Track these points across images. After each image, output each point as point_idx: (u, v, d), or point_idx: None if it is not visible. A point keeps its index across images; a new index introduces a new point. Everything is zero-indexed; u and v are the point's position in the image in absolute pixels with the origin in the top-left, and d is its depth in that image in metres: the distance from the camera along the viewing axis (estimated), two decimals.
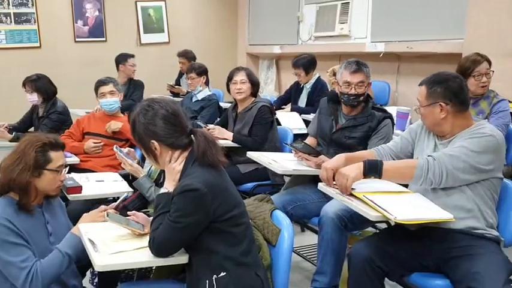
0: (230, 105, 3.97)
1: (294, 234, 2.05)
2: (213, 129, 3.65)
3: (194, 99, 4.77)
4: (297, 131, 4.16)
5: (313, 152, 2.79)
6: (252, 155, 3.05)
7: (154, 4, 7.58)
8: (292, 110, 5.04)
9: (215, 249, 1.86)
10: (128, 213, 2.16)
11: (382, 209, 1.99)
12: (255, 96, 3.72)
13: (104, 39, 7.24)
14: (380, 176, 2.16)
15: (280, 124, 4.14)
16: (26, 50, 6.72)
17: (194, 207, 1.80)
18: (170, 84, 6.30)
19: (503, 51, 4.19)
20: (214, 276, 1.84)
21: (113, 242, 1.97)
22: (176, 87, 6.27)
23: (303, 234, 3.84)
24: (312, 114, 4.68)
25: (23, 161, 1.99)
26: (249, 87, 3.65)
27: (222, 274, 1.84)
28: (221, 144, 2.41)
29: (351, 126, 2.91)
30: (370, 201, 2.06)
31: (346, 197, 2.15)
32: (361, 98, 2.88)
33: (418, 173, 2.13)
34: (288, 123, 4.32)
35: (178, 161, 1.95)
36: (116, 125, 3.56)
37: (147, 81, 5.84)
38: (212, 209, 1.82)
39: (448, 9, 4.88)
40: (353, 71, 2.85)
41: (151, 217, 2.01)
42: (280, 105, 5.31)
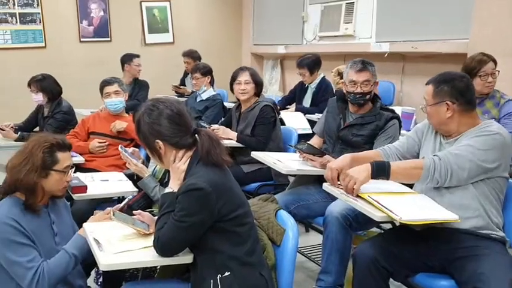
0: (234, 105, 3.97)
1: (298, 234, 2.05)
2: (217, 129, 3.65)
3: (198, 99, 4.77)
4: (301, 131, 4.15)
5: (318, 152, 2.79)
6: (257, 154, 3.05)
7: (159, 4, 7.60)
8: (296, 110, 5.03)
9: (220, 248, 1.86)
10: (134, 212, 2.16)
11: (387, 209, 1.99)
12: (259, 96, 3.71)
13: (109, 39, 7.25)
14: (388, 177, 2.16)
15: (284, 124, 4.14)
16: (31, 50, 6.74)
17: (199, 206, 1.80)
18: (175, 85, 6.31)
19: (508, 51, 4.18)
20: (219, 275, 1.84)
21: (117, 241, 1.97)
22: (181, 87, 6.28)
23: (307, 234, 3.83)
24: (316, 114, 4.68)
25: (30, 161, 1.99)
26: (253, 88, 3.64)
27: (227, 274, 1.85)
28: (225, 144, 2.41)
29: (359, 124, 2.91)
30: (375, 201, 2.05)
31: (351, 197, 2.15)
32: (367, 96, 2.89)
33: (425, 173, 2.13)
34: (292, 123, 4.32)
35: (182, 161, 1.96)
36: (121, 124, 3.57)
37: (152, 82, 5.85)
38: (217, 209, 1.82)
39: (453, 9, 4.86)
40: (358, 69, 2.86)
41: (156, 217, 2.01)
42: (284, 105, 5.31)
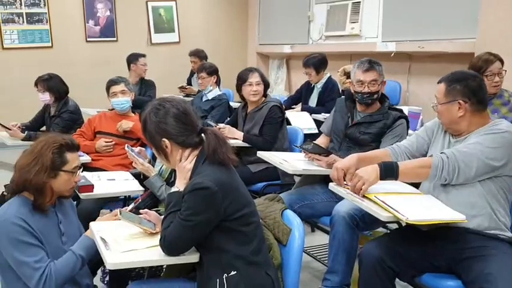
0: (240, 105, 3.97)
1: (304, 234, 2.05)
2: (224, 128, 3.65)
3: (204, 99, 4.77)
4: (307, 131, 4.15)
5: (324, 151, 2.79)
6: (263, 154, 3.05)
7: (165, 4, 7.62)
8: (302, 109, 5.03)
9: (226, 248, 1.86)
10: (140, 211, 2.17)
11: (393, 209, 1.98)
12: (265, 96, 3.72)
13: (115, 39, 7.29)
14: (396, 178, 2.15)
15: (290, 124, 4.13)
16: (38, 49, 6.79)
17: (205, 205, 1.80)
18: (181, 87, 6.32)
19: None
20: (225, 275, 1.85)
21: (124, 240, 1.98)
22: (187, 87, 6.29)
23: (313, 234, 3.83)
24: (322, 114, 4.67)
25: (39, 161, 1.99)
26: (263, 88, 3.65)
27: (233, 273, 1.85)
28: (231, 143, 2.41)
29: (367, 122, 2.91)
30: (382, 201, 2.05)
31: (357, 197, 2.14)
32: (374, 96, 2.89)
33: (432, 172, 2.13)
34: (298, 123, 4.31)
35: (188, 160, 1.96)
36: (127, 124, 3.58)
37: (158, 81, 5.87)
38: (223, 208, 1.83)
39: (460, 8, 4.85)
40: (365, 69, 2.86)
41: (162, 216, 2.01)
42: (290, 105, 5.30)
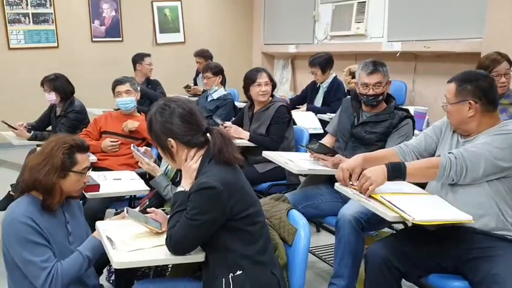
0: (246, 104, 3.97)
1: (310, 234, 2.05)
2: (230, 127, 3.64)
3: (209, 99, 4.77)
4: (313, 131, 4.14)
5: (329, 151, 2.78)
6: (268, 154, 3.04)
7: (170, 4, 7.63)
8: (308, 109, 5.02)
9: (231, 247, 1.86)
10: (147, 210, 2.17)
11: (399, 209, 1.97)
12: (272, 96, 3.71)
13: (121, 39, 7.31)
14: (404, 178, 2.14)
15: (295, 124, 4.13)
16: (44, 50, 6.82)
17: (211, 204, 1.80)
18: (186, 86, 6.32)
19: None
20: (231, 274, 1.85)
21: (130, 239, 1.98)
22: (193, 87, 6.29)
23: (318, 234, 3.82)
24: (328, 113, 4.66)
25: (49, 162, 2.00)
26: (271, 88, 3.66)
27: (239, 272, 1.85)
28: (237, 143, 2.41)
29: (372, 121, 2.90)
30: (388, 202, 2.04)
31: (363, 198, 2.13)
32: (380, 97, 2.88)
33: (440, 172, 2.12)
34: (303, 122, 4.30)
35: (194, 160, 1.96)
36: (133, 124, 3.59)
37: (163, 81, 5.87)
38: (228, 207, 1.83)
39: (467, 7, 4.83)
40: (369, 72, 2.85)
41: (169, 215, 2.02)
42: (294, 105, 5.28)
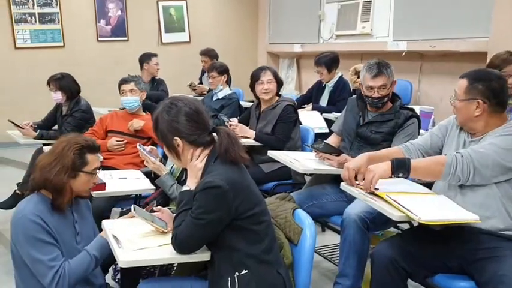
0: (253, 103, 3.97)
1: (316, 234, 2.05)
2: (235, 126, 3.64)
3: (215, 98, 4.78)
4: (318, 130, 4.14)
5: (335, 151, 2.78)
6: (274, 153, 3.04)
7: (175, 3, 7.64)
8: (313, 109, 5.01)
9: (237, 246, 1.86)
10: (154, 208, 2.18)
11: (406, 209, 1.97)
12: (279, 95, 3.71)
13: (126, 38, 7.32)
14: (408, 173, 2.13)
15: (301, 123, 4.12)
16: (50, 49, 6.84)
17: (216, 204, 1.81)
18: (190, 84, 6.32)
19: None
20: (236, 273, 1.85)
21: (136, 238, 1.99)
22: (198, 86, 6.29)
23: (323, 234, 3.81)
24: (333, 113, 4.65)
25: (60, 162, 2.01)
26: (275, 87, 3.65)
27: (244, 272, 1.85)
28: (243, 143, 2.41)
29: (378, 121, 2.90)
30: (394, 201, 2.03)
31: (369, 197, 2.13)
32: (385, 99, 2.87)
33: (446, 170, 2.10)
34: (309, 122, 4.30)
35: (199, 159, 1.96)
36: (138, 123, 3.60)
37: (169, 81, 5.88)
38: (234, 206, 1.83)
39: (473, 6, 4.80)
40: (374, 75, 2.83)
41: (174, 214, 2.02)
42: (299, 105, 5.28)
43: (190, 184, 1.97)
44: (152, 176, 2.92)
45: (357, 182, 2.26)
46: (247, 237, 1.88)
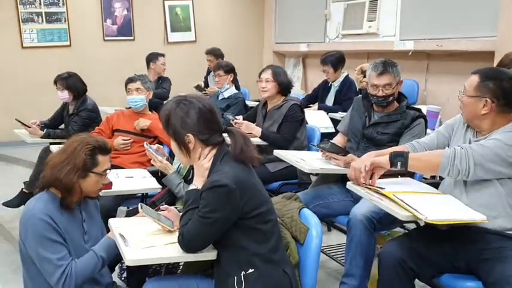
0: (259, 103, 3.96)
1: (322, 233, 2.04)
2: (241, 123, 3.63)
3: (221, 97, 4.77)
4: (324, 130, 4.13)
5: (341, 151, 2.77)
6: (280, 153, 3.03)
7: (181, 3, 7.65)
8: (319, 108, 5.01)
9: (243, 245, 1.87)
10: (161, 207, 2.18)
11: (412, 208, 1.96)
12: (285, 95, 3.69)
13: (132, 38, 7.34)
14: (406, 162, 2.12)
15: (307, 123, 4.12)
16: (56, 48, 6.87)
17: (223, 202, 1.81)
18: (197, 86, 6.31)
19: None
20: (243, 272, 1.85)
21: (143, 237, 1.99)
22: (209, 89, 6.24)
23: (329, 233, 3.81)
24: (339, 112, 4.64)
25: (71, 161, 2.01)
26: (274, 86, 3.62)
27: (251, 271, 1.85)
28: None
29: (384, 122, 2.89)
30: (400, 200, 2.03)
31: (376, 196, 2.12)
32: (390, 98, 2.86)
33: (444, 161, 2.08)
34: (315, 121, 4.29)
35: (207, 158, 1.96)
36: (145, 122, 3.61)
37: (175, 80, 5.89)
38: (240, 205, 1.83)
39: (480, 5, 4.78)
40: (379, 73, 2.83)
41: (181, 213, 2.02)
42: (306, 104, 5.27)
43: (197, 183, 1.97)
44: (159, 174, 2.92)
45: (363, 182, 2.26)
46: (254, 237, 1.88)
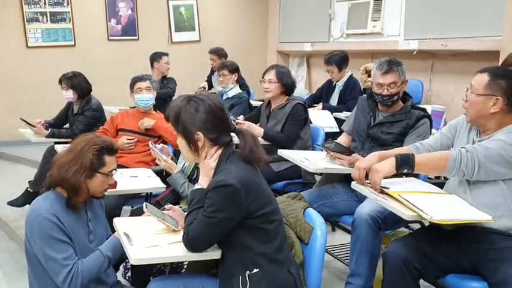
0: (263, 102, 3.96)
1: (327, 233, 2.04)
2: (242, 124, 3.63)
3: (225, 97, 4.77)
4: (329, 130, 4.12)
5: (345, 150, 2.77)
6: (284, 153, 3.03)
7: (185, 3, 7.66)
8: (323, 108, 5.00)
9: (248, 245, 1.86)
10: (166, 207, 2.18)
11: (417, 208, 1.96)
12: (289, 95, 3.68)
13: (136, 37, 7.35)
14: (412, 169, 2.12)
15: (311, 122, 4.11)
16: (61, 48, 6.89)
17: (228, 202, 1.81)
18: (204, 88, 6.31)
19: None
20: (247, 272, 1.85)
21: (147, 236, 1.99)
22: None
23: (333, 233, 3.80)
24: (344, 112, 4.64)
25: (79, 161, 2.01)
26: (277, 87, 3.61)
27: (255, 270, 1.85)
28: None
29: (389, 122, 2.88)
30: (405, 200, 2.02)
31: (381, 196, 2.12)
32: (394, 97, 2.85)
33: (450, 164, 2.08)
34: (319, 121, 4.28)
35: (213, 158, 1.96)
36: (149, 121, 3.61)
37: (179, 80, 5.89)
38: (245, 205, 1.83)
39: (485, 5, 4.76)
40: (384, 72, 2.82)
41: (186, 212, 2.02)
42: (311, 104, 5.27)
43: (203, 182, 1.97)
44: (163, 174, 2.92)
45: (367, 181, 2.25)
46: (259, 236, 1.88)
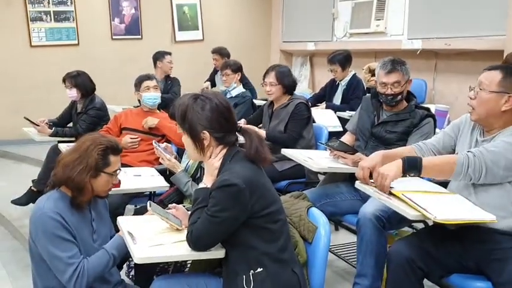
0: (266, 102, 3.96)
1: (330, 232, 2.04)
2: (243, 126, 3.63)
3: (228, 96, 4.77)
4: (332, 129, 4.12)
5: (349, 149, 2.76)
6: (287, 152, 3.03)
7: (189, 2, 7.66)
8: (327, 107, 4.99)
9: (252, 244, 1.86)
10: (169, 206, 2.18)
11: (421, 207, 1.95)
12: (291, 94, 3.68)
13: (140, 36, 7.36)
14: (420, 173, 2.11)
15: (314, 121, 4.11)
16: (64, 47, 6.90)
17: (232, 202, 1.81)
18: (207, 89, 6.33)
19: None
20: (251, 271, 1.85)
21: (151, 235, 2.00)
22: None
23: (337, 232, 3.80)
24: (347, 111, 4.63)
25: (84, 161, 2.01)
26: (279, 89, 3.61)
27: (259, 270, 1.85)
28: None
29: (393, 121, 2.88)
30: (409, 199, 2.02)
31: (384, 196, 2.11)
32: (398, 97, 2.85)
33: (458, 169, 2.07)
34: (322, 120, 4.28)
35: (217, 157, 1.96)
36: (153, 121, 3.62)
37: (182, 79, 5.89)
38: (250, 205, 1.83)
39: (488, 4, 4.75)
40: (388, 71, 2.82)
41: (189, 211, 2.02)
42: (314, 103, 5.26)
43: (207, 182, 1.97)
44: (167, 173, 2.93)
45: (371, 180, 2.25)
46: (263, 236, 1.88)
